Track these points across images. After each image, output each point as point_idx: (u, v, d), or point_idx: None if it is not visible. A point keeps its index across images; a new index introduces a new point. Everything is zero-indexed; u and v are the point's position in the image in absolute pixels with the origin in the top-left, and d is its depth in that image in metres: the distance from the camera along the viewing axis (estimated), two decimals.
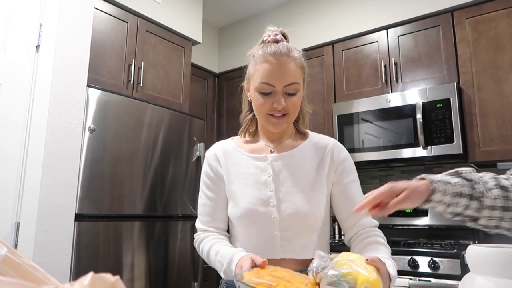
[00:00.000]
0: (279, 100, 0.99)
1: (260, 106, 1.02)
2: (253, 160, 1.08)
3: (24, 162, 1.62)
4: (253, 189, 1.04)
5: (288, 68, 1.00)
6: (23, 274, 0.36)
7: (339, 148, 1.11)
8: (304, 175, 1.05)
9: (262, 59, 1.02)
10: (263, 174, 1.05)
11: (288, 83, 0.99)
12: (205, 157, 1.15)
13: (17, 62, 1.65)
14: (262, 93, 1.01)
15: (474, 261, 0.66)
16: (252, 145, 1.12)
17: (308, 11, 2.96)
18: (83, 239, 1.84)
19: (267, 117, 1.03)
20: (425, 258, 1.92)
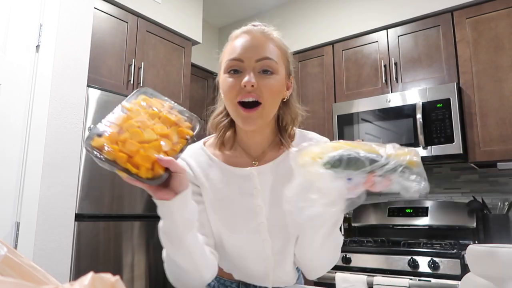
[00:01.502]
0: (247, 75, 0.80)
1: (228, 89, 0.82)
2: (234, 175, 0.88)
3: (24, 162, 1.62)
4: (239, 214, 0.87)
5: (261, 41, 0.84)
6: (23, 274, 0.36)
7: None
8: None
9: (233, 37, 0.87)
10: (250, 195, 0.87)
11: (260, 57, 0.81)
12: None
13: (17, 62, 1.65)
14: (229, 72, 0.83)
15: (474, 261, 0.66)
16: (230, 156, 0.91)
17: (308, 11, 2.96)
18: (83, 239, 1.84)
19: (237, 108, 0.82)
20: (425, 258, 1.92)
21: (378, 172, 0.62)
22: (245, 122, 0.82)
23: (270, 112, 0.85)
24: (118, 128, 0.66)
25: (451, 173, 2.53)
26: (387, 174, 0.62)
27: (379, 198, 2.75)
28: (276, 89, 0.83)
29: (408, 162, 0.63)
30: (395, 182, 0.63)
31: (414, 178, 0.62)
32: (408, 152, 0.63)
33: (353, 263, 2.11)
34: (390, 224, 2.57)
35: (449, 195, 2.52)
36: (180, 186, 0.67)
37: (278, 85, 0.84)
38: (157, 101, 0.72)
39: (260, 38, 0.84)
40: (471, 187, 2.45)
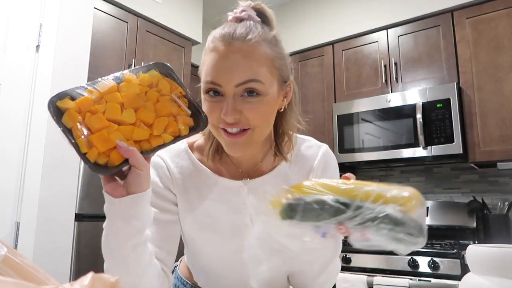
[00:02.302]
0: (226, 108, 0.65)
1: (208, 114, 0.65)
2: (221, 187, 0.76)
3: (24, 162, 1.63)
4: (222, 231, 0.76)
5: (241, 59, 0.65)
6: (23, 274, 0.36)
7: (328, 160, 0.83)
8: None
9: (210, 45, 0.70)
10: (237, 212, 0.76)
11: (239, 81, 0.65)
12: (152, 165, 0.76)
13: (17, 62, 1.65)
14: (208, 95, 0.68)
15: (474, 261, 0.66)
16: (218, 164, 0.78)
17: (308, 11, 2.96)
18: (83, 239, 1.84)
19: (219, 132, 0.69)
20: (425, 258, 1.92)
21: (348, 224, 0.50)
22: (230, 149, 0.70)
23: (262, 135, 0.71)
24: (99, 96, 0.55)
25: (451, 173, 2.53)
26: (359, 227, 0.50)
27: None
28: (266, 111, 0.68)
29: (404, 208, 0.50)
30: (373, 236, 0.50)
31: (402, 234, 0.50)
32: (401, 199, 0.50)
33: (353, 263, 2.11)
34: None
35: (449, 195, 2.52)
36: (135, 185, 0.56)
37: (268, 107, 0.68)
38: (168, 83, 0.60)
39: (240, 53, 0.66)
40: (471, 187, 2.45)
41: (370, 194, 0.50)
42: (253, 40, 0.67)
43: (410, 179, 2.67)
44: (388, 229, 0.49)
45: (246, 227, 0.76)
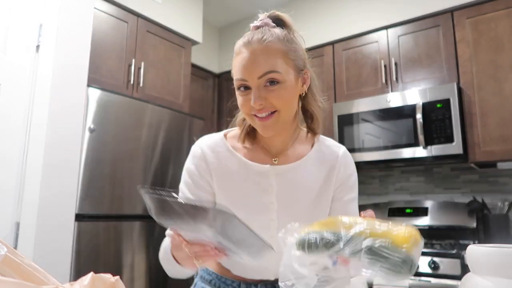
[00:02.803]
0: (253, 97, 0.82)
1: (241, 107, 0.86)
2: (252, 171, 0.90)
3: (24, 163, 1.63)
4: (251, 208, 0.89)
5: (259, 56, 0.83)
6: (23, 274, 0.36)
7: (348, 161, 0.99)
8: (309, 192, 0.92)
9: (236, 52, 0.88)
10: (265, 192, 0.89)
11: (260, 74, 0.81)
12: (191, 154, 0.95)
13: (17, 62, 1.65)
14: (240, 91, 0.85)
15: (474, 261, 0.66)
16: (250, 150, 0.93)
17: (308, 11, 2.96)
18: (83, 239, 1.84)
19: (253, 119, 0.85)
20: (425, 258, 1.92)
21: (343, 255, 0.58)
22: (263, 130, 0.85)
23: (287, 115, 0.86)
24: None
25: (451, 173, 2.53)
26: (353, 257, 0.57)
27: (379, 198, 2.75)
28: (287, 96, 0.84)
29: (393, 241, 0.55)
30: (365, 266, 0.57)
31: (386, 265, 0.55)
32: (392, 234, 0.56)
33: None
34: None
35: (449, 195, 2.52)
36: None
37: (288, 91, 0.84)
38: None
39: (258, 51, 0.83)
40: (471, 187, 2.45)
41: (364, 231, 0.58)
42: (267, 40, 0.84)
43: (410, 179, 2.67)
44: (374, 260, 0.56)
45: (272, 205, 0.88)
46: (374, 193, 2.79)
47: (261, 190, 0.89)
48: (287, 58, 0.85)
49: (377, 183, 2.79)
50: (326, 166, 0.94)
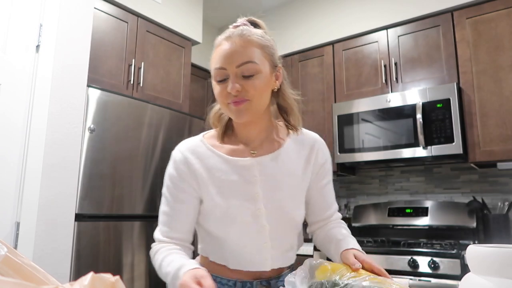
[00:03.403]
0: (230, 84, 0.87)
1: (218, 95, 0.91)
2: (235, 165, 0.95)
3: (24, 162, 1.63)
4: (239, 201, 0.92)
5: (239, 47, 0.89)
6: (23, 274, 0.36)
7: (323, 148, 1.04)
8: (291, 178, 0.97)
9: (216, 44, 0.94)
10: (250, 183, 0.93)
11: (239, 62, 0.87)
12: (172, 159, 0.99)
13: (17, 62, 1.65)
14: (218, 81, 0.91)
15: (474, 261, 0.66)
16: (229, 146, 0.98)
17: (308, 11, 2.96)
18: (83, 239, 1.84)
19: (228, 107, 0.90)
20: (425, 258, 1.92)
21: None
22: (236, 115, 0.90)
23: (259, 105, 0.91)
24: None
25: (451, 173, 2.53)
26: None
27: (379, 199, 2.75)
28: (261, 86, 0.89)
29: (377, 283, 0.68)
30: None
31: None
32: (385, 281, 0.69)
33: None
34: (390, 224, 2.57)
35: (449, 195, 2.52)
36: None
37: (263, 82, 0.90)
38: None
39: (238, 43, 0.89)
40: (471, 187, 2.45)
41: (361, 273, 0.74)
42: (247, 34, 0.91)
43: (410, 179, 2.67)
44: None
45: (257, 195, 0.93)
46: (374, 193, 2.79)
47: (245, 182, 0.93)
48: (264, 52, 0.91)
49: (377, 183, 2.79)
50: (305, 151, 1.00)
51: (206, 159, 0.95)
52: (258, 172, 0.94)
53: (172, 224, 0.94)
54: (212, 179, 0.94)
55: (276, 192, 0.94)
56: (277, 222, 0.94)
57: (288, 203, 0.95)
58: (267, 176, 0.94)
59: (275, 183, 0.95)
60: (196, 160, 0.95)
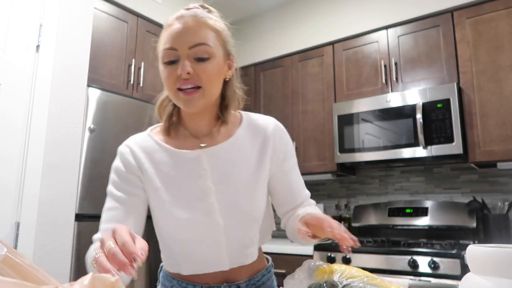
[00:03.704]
0: (181, 64, 0.79)
1: (166, 80, 0.82)
2: (183, 159, 0.87)
3: (24, 162, 1.63)
4: (189, 197, 0.86)
5: (193, 27, 0.81)
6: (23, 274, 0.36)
7: (281, 131, 0.95)
8: (245, 169, 0.89)
9: (167, 25, 0.85)
10: (199, 177, 0.86)
11: (192, 43, 0.80)
12: (118, 153, 0.92)
13: (17, 62, 1.65)
14: (166, 62, 0.83)
15: (474, 261, 0.66)
16: (177, 139, 0.91)
17: (308, 11, 2.96)
18: (83, 239, 1.84)
19: (177, 94, 0.82)
20: (425, 258, 1.92)
21: None
22: (187, 105, 0.82)
23: (211, 94, 0.84)
24: None
25: (451, 173, 2.53)
26: None
27: (379, 199, 2.75)
28: (214, 72, 0.83)
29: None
30: None
31: None
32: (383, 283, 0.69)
33: (353, 263, 2.11)
34: (390, 224, 2.57)
35: (449, 195, 2.52)
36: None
37: (216, 68, 0.83)
38: None
39: (192, 23, 0.82)
40: (471, 187, 2.45)
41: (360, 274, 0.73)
42: (200, 15, 0.84)
43: (410, 179, 2.67)
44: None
45: (209, 189, 0.86)
46: (374, 193, 2.79)
47: (195, 176, 0.86)
48: (218, 37, 0.85)
49: (377, 183, 2.79)
50: (259, 139, 0.92)
51: (153, 153, 0.89)
52: (208, 164, 0.87)
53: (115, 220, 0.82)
54: (159, 174, 0.87)
55: (229, 184, 0.87)
56: (232, 216, 0.86)
57: (243, 195, 0.87)
58: (218, 168, 0.87)
59: (229, 175, 0.87)
60: (143, 155, 0.89)
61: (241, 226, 0.88)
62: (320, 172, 2.67)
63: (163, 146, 0.89)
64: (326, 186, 2.97)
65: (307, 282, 0.75)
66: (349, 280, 0.71)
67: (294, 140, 2.77)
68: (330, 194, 2.96)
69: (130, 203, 0.86)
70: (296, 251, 2.33)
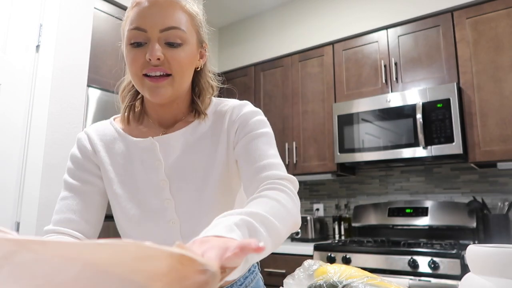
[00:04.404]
0: (151, 48, 0.71)
1: (131, 63, 0.73)
2: (138, 149, 0.80)
3: (24, 162, 1.63)
4: (143, 191, 0.79)
5: (166, 7, 0.73)
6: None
7: (240, 106, 0.83)
8: (204, 158, 0.79)
9: (135, 2, 0.75)
10: (153, 169, 0.78)
11: (165, 26, 0.72)
12: (76, 140, 0.85)
13: (17, 62, 1.65)
14: (132, 44, 0.73)
15: (474, 261, 0.66)
16: (139, 128, 0.83)
17: (308, 11, 2.97)
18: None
19: (142, 80, 0.73)
20: (425, 258, 1.92)
21: None
22: (152, 94, 0.73)
23: (181, 83, 0.76)
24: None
25: (451, 173, 2.53)
26: None
27: (379, 199, 2.75)
28: (187, 60, 0.75)
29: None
30: None
31: None
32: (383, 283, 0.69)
33: (353, 263, 2.11)
34: (390, 224, 2.57)
35: (449, 195, 2.52)
36: None
37: (189, 56, 0.75)
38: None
39: (164, 3, 0.73)
40: (471, 187, 2.45)
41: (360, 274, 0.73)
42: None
43: (410, 179, 2.67)
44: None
45: (163, 182, 0.78)
46: (374, 193, 2.79)
47: (148, 168, 0.78)
48: (192, 21, 0.77)
49: (377, 183, 2.79)
50: (220, 120, 0.81)
51: (111, 143, 0.82)
52: (162, 154, 0.78)
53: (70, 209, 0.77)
54: (114, 165, 0.80)
55: (186, 177, 0.78)
56: (189, 214, 0.77)
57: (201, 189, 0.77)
58: (174, 159, 0.78)
59: (184, 166, 0.78)
60: (101, 143, 0.82)
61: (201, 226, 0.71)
62: (320, 172, 2.67)
63: (122, 134, 0.82)
64: (326, 186, 2.97)
65: (307, 282, 0.75)
66: (349, 280, 0.71)
67: (294, 140, 2.77)
68: (330, 194, 2.96)
69: (85, 192, 0.80)
70: (296, 251, 2.34)
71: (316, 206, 2.98)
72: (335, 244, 2.34)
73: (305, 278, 0.76)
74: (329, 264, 0.79)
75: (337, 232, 2.76)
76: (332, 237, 2.84)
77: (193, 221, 0.78)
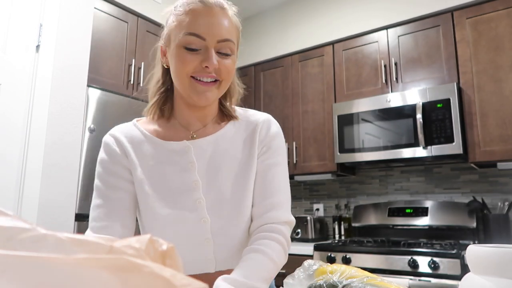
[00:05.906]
0: (211, 57, 0.76)
1: (182, 64, 0.77)
2: (169, 151, 0.83)
3: (24, 162, 1.62)
4: (174, 191, 0.81)
5: (222, 20, 0.79)
6: None
7: (269, 123, 0.90)
8: (235, 163, 0.85)
9: (186, 7, 0.79)
10: (186, 170, 0.82)
11: (223, 38, 0.78)
12: (102, 143, 0.85)
13: (17, 62, 1.64)
14: (188, 48, 0.77)
15: (474, 261, 0.66)
16: (166, 130, 0.86)
17: (308, 11, 2.96)
18: None
19: (191, 82, 0.78)
20: (425, 258, 1.92)
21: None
22: (200, 96, 0.79)
23: (224, 89, 0.83)
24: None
25: (451, 173, 2.53)
26: None
27: (379, 199, 2.75)
28: (233, 69, 0.83)
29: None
30: None
31: None
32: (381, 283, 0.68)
33: (353, 263, 2.11)
34: (390, 224, 2.57)
35: (449, 195, 2.52)
36: None
37: (234, 65, 0.83)
38: None
39: (221, 16, 0.79)
40: (471, 187, 2.45)
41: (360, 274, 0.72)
42: (227, 9, 0.82)
43: (410, 179, 2.67)
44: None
45: (196, 183, 0.82)
46: (374, 193, 2.79)
47: (181, 169, 0.82)
48: (238, 34, 0.85)
49: (377, 183, 2.79)
50: (248, 133, 0.88)
51: (139, 144, 0.84)
52: (195, 157, 0.82)
53: (105, 218, 0.81)
54: (143, 166, 0.82)
55: (217, 179, 0.82)
56: (220, 213, 0.81)
57: (232, 191, 0.82)
58: (206, 161, 0.83)
59: (217, 169, 0.83)
60: (129, 144, 0.83)
61: (230, 224, 0.82)
62: (320, 172, 2.67)
63: (149, 137, 0.85)
64: (326, 186, 2.97)
65: (307, 282, 0.75)
66: (349, 280, 0.71)
67: (294, 140, 2.77)
68: (330, 194, 2.96)
69: (116, 199, 0.81)
70: (296, 251, 2.34)
71: (316, 206, 2.98)
72: (335, 244, 2.34)
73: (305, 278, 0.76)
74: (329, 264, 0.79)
75: (337, 232, 2.76)
76: (332, 237, 2.84)
77: (223, 220, 0.82)
